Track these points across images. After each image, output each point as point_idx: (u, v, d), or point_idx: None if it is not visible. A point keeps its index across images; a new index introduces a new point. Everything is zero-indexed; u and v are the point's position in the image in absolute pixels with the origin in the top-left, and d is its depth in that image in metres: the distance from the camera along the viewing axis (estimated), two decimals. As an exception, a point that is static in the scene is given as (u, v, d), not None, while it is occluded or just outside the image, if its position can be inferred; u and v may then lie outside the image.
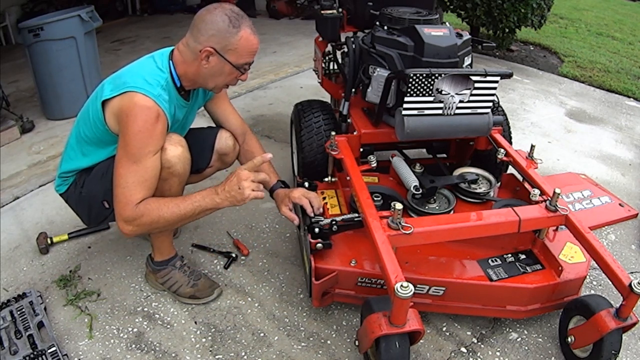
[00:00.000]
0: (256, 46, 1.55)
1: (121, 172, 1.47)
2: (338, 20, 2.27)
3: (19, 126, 3.13)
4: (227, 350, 1.65)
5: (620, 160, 3.03)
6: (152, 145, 1.48)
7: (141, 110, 1.44)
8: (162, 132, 1.51)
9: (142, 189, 1.48)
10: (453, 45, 1.82)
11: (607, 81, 4.36)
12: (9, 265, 2.02)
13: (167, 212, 1.49)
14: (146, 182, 1.48)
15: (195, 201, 1.52)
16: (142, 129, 1.45)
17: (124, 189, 1.46)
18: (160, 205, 1.49)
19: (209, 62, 1.52)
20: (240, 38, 1.49)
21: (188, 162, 1.62)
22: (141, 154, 1.46)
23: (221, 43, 1.49)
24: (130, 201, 1.46)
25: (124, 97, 1.46)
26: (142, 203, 1.48)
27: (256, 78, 4.13)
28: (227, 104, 1.91)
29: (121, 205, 1.47)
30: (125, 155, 1.47)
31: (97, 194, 1.67)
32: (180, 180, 1.62)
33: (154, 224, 1.50)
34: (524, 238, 1.79)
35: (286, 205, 1.71)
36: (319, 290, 1.62)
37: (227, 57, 1.51)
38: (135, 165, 1.46)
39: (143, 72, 1.52)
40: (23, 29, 3.11)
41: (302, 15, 6.42)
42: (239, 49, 1.51)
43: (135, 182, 1.46)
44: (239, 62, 1.54)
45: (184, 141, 1.61)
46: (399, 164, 1.99)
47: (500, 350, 1.68)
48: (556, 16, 6.88)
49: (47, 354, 1.57)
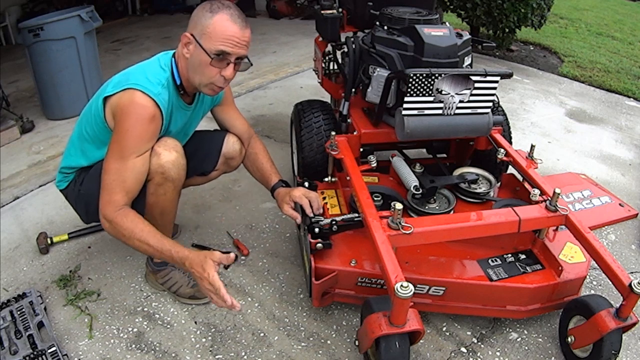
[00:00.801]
0: (231, 32, 1.44)
1: (106, 167, 1.48)
2: (338, 20, 2.27)
3: (19, 126, 3.13)
4: (227, 350, 1.65)
5: (620, 160, 3.03)
6: (138, 147, 1.47)
7: (136, 108, 1.44)
8: (153, 133, 1.51)
9: (121, 190, 1.47)
10: (453, 45, 1.82)
11: (607, 81, 4.36)
12: (9, 265, 2.02)
13: (137, 239, 1.44)
14: (125, 183, 1.47)
15: (166, 249, 1.44)
16: (133, 127, 1.45)
17: (107, 184, 1.47)
18: (134, 228, 1.44)
19: (189, 50, 1.50)
20: (213, 22, 1.43)
21: (183, 167, 1.61)
22: (127, 152, 1.46)
23: (197, 28, 1.46)
24: (112, 200, 1.46)
25: (124, 94, 1.46)
26: (122, 213, 1.46)
27: (256, 78, 4.13)
28: (234, 110, 1.90)
29: (103, 201, 1.47)
30: (113, 149, 1.47)
31: (94, 193, 1.67)
32: (175, 185, 1.61)
33: (123, 239, 1.47)
34: (524, 238, 1.79)
35: (287, 203, 1.71)
36: (319, 290, 1.62)
37: (201, 42, 1.45)
38: (119, 163, 1.46)
39: (146, 71, 1.52)
40: (23, 29, 3.11)
41: (302, 15, 6.42)
42: (211, 33, 1.44)
43: (117, 180, 1.46)
44: (211, 48, 1.44)
45: (179, 146, 1.59)
46: (399, 164, 1.99)
47: (500, 350, 1.68)
48: (556, 16, 6.88)
49: (47, 354, 1.57)
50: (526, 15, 4.37)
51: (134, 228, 1.44)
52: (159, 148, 1.54)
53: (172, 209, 1.70)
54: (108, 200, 1.47)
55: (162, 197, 1.60)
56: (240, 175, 2.61)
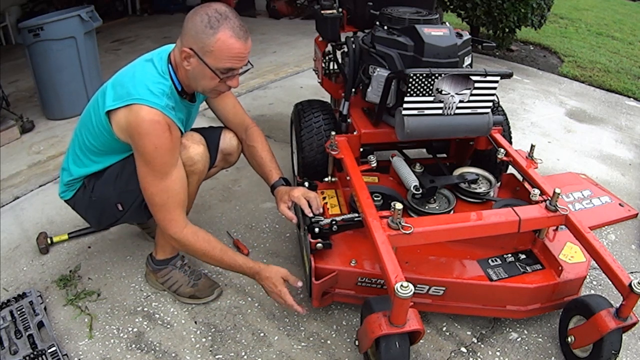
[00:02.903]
0: (237, 50, 1.42)
1: (153, 191, 1.49)
2: (338, 20, 2.27)
3: (19, 126, 3.13)
4: (227, 350, 1.65)
5: (620, 160, 3.03)
6: (173, 158, 1.50)
7: (152, 125, 1.42)
8: (177, 140, 1.52)
9: (178, 205, 1.53)
10: (453, 45, 1.82)
11: (607, 81, 4.36)
12: (9, 265, 2.02)
13: (211, 257, 1.60)
14: (179, 195, 1.53)
15: (237, 265, 1.63)
16: (159, 145, 1.44)
17: (161, 205, 1.50)
18: (208, 247, 1.58)
19: (190, 63, 1.46)
20: (217, 40, 1.39)
21: (208, 160, 1.67)
22: (165, 169, 1.47)
23: (198, 44, 1.41)
24: (174, 218, 1.52)
25: (130, 110, 1.43)
26: (191, 232, 1.56)
27: (256, 78, 4.13)
28: (230, 99, 1.85)
29: (165, 220, 1.53)
30: (149, 173, 1.47)
31: (110, 197, 1.67)
32: (199, 178, 1.66)
33: (195, 255, 1.60)
34: (524, 238, 1.79)
35: (285, 203, 1.70)
36: (319, 290, 1.62)
37: (205, 59, 1.42)
38: (164, 182, 1.48)
39: (146, 81, 1.47)
40: (23, 29, 3.11)
41: (302, 15, 6.42)
42: (215, 52, 1.40)
43: (171, 197, 1.50)
44: (218, 66, 1.43)
45: (204, 140, 1.64)
46: (399, 164, 1.99)
47: (500, 350, 1.68)
48: (556, 16, 6.88)
49: (47, 354, 1.57)
50: (526, 15, 4.37)
51: (207, 248, 1.58)
52: (187, 142, 1.58)
53: (191, 201, 1.74)
54: (170, 219, 1.52)
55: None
56: (241, 175, 2.61)
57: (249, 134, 1.86)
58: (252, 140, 1.85)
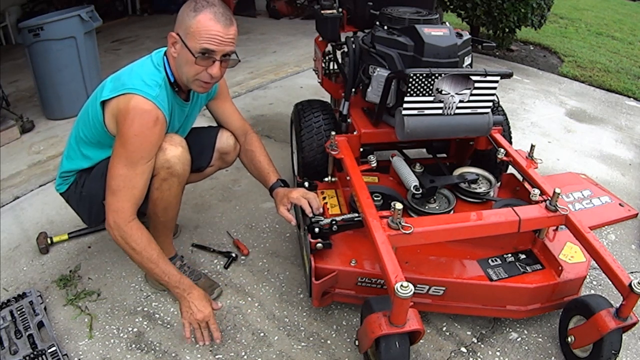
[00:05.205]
0: (214, 31, 1.43)
1: (113, 172, 1.48)
2: (338, 20, 2.27)
3: (19, 126, 3.13)
4: (227, 350, 1.65)
5: (620, 160, 3.03)
6: (147, 151, 1.49)
7: (139, 113, 1.44)
8: (159, 136, 1.51)
9: (131, 197, 1.49)
10: (453, 45, 1.82)
11: (607, 81, 4.36)
12: (9, 265, 2.02)
13: (147, 255, 1.51)
14: (135, 189, 1.50)
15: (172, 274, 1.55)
16: (139, 133, 1.45)
17: (115, 190, 1.48)
18: (148, 245, 1.51)
19: (176, 50, 1.50)
20: (197, 22, 1.42)
21: (188, 162, 1.63)
22: (136, 158, 1.47)
23: (182, 28, 1.46)
24: (122, 208, 1.48)
25: (122, 98, 1.46)
26: (136, 226, 1.50)
27: (256, 78, 4.13)
28: (229, 104, 1.90)
29: (112, 207, 1.49)
30: (121, 156, 1.47)
31: (97, 194, 1.67)
32: (179, 180, 1.63)
33: (129, 250, 1.51)
34: (524, 238, 1.79)
35: (284, 205, 1.70)
36: (319, 290, 1.62)
37: (186, 42, 1.45)
38: (128, 168, 1.47)
39: (141, 73, 1.51)
40: (23, 29, 3.11)
41: (302, 15, 6.42)
42: (194, 32, 1.43)
43: (126, 187, 1.48)
44: (195, 47, 1.44)
45: (184, 142, 1.61)
46: (399, 164, 1.99)
47: (500, 350, 1.68)
48: (556, 16, 6.88)
49: (47, 354, 1.57)
50: (526, 15, 4.37)
51: (147, 245, 1.51)
52: (165, 143, 1.56)
53: (175, 204, 1.71)
54: (117, 207, 1.48)
55: (166, 192, 1.61)
56: (240, 175, 2.61)
57: (248, 139, 1.90)
58: (251, 144, 1.88)
